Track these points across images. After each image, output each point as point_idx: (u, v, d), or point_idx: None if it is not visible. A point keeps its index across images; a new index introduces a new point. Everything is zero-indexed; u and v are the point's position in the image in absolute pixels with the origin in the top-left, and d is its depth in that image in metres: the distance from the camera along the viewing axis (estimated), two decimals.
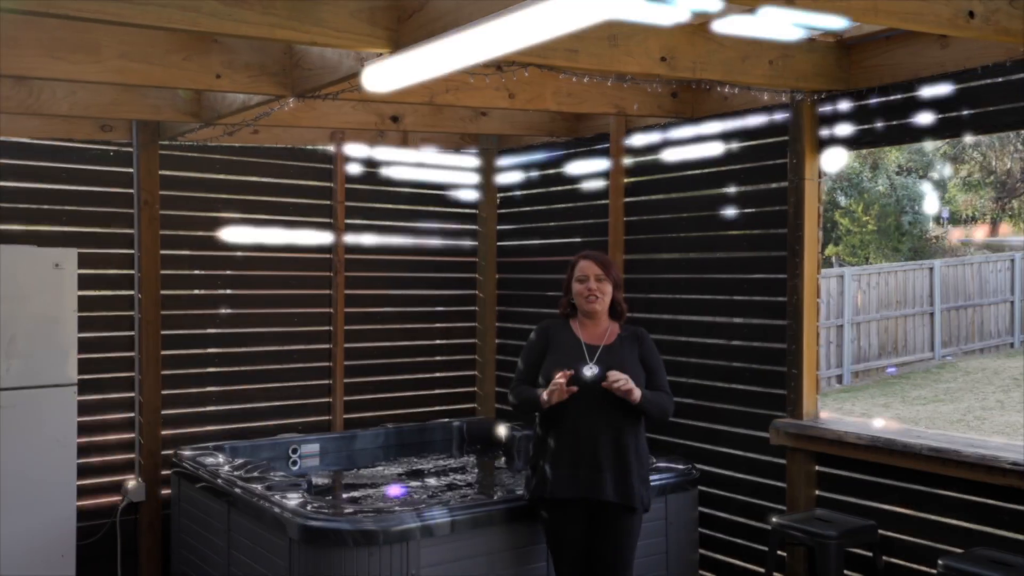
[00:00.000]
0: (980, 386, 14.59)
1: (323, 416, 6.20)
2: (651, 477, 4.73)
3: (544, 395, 3.84)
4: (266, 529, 4.31)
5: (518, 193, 6.71)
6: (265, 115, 4.56)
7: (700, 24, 4.07)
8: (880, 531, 4.38)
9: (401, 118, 5.47)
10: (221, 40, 4.03)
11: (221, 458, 5.20)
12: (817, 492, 4.74)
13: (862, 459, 4.47)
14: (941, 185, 28.24)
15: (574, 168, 6.23)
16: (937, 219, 27.93)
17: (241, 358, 5.98)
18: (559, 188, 6.40)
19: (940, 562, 3.84)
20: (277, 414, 6.05)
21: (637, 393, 3.83)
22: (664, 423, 4.21)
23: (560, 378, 3.78)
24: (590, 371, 3.89)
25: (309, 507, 4.16)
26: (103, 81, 3.90)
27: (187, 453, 5.36)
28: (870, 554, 4.41)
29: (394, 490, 5.33)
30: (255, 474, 4.81)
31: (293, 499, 4.31)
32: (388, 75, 3.48)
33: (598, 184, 5.98)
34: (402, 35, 3.35)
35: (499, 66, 4.67)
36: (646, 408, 3.91)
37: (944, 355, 16.73)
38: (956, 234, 28.87)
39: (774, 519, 4.50)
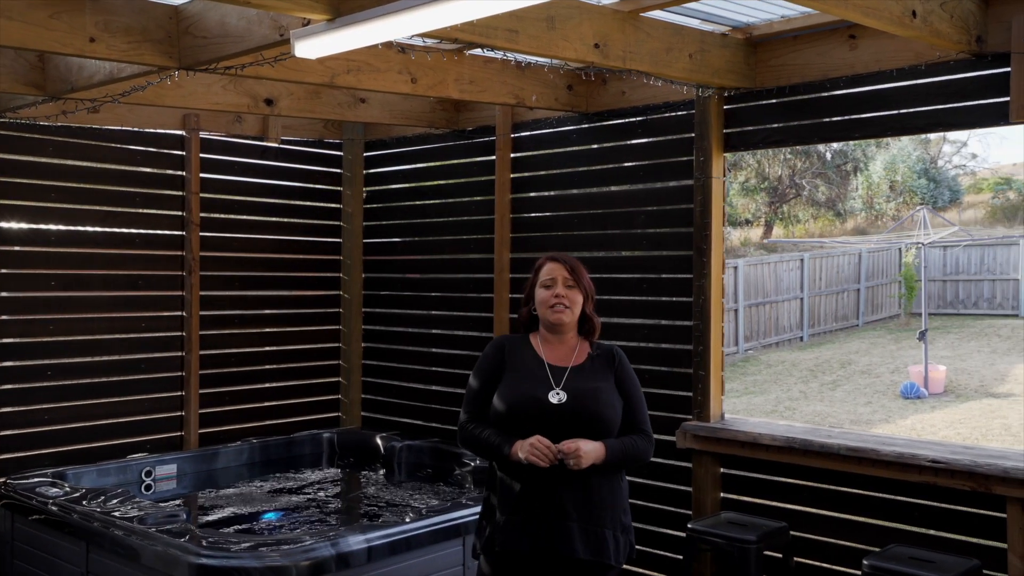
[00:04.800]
0: (782, 378, 15.48)
1: (175, 432, 5.53)
2: None
3: (521, 455, 3.03)
4: (144, 570, 3.72)
5: (388, 187, 6.30)
6: (139, 89, 3.95)
7: (631, 11, 3.89)
8: (790, 532, 4.37)
9: (276, 101, 4.94)
10: None
11: (67, 486, 4.49)
12: (721, 495, 4.69)
13: (772, 460, 4.45)
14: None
15: (453, 162, 5.92)
16: None
17: (79, 370, 5.24)
18: (436, 183, 6.05)
19: (865, 562, 3.84)
20: (123, 432, 5.35)
21: (601, 456, 3.06)
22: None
23: (545, 449, 3.01)
24: (556, 398, 3.14)
25: (203, 542, 3.62)
26: None
27: (20, 482, 4.60)
28: (779, 555, 4.39)
29: (268, 514, 4.81)
30: (115, 503, 4.17)
31: (176, 532, 3.74)
32: (321, 43, 3.04)
33: (481, 179, 5.69)
34: (343, 0, 2.93)
35: (402, 48, 4.33)
36: (617, 464, 3.14)
37: (746, 349, 17.67)
38: (736, 235, 30.79)
39: (689, 525, 4.39)
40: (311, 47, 3.06)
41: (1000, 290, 20.99)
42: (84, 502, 4.19)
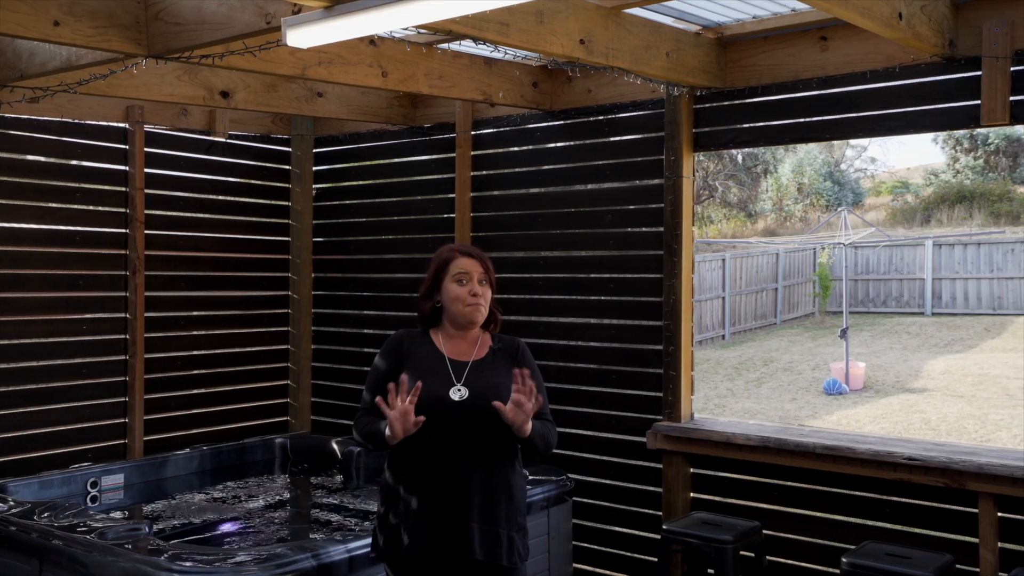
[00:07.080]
0: (708, 376, 15.71)
1: (119, 439, 5.25)
2: (535, 491, 4.46)
3: (387, 429, 2.88)
4: None
5: (340, 184, 6.12)
6: (99, 78, 3.71)
7: (613, 8, 3.84)
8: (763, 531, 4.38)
9: (232, 94, 4.73)
10: None
11: (11, 500, 4.21)
12: (692, 495, 4.68)
13: (745, 459, 4.45)
14: None
15: (410, 159, 5.77)
16: None
17: (16, 376, 4.92)
18: (391, 180, 5.90)
19: (843, 559, 3.86)
20: (64, 441, 5.04)
21: (529, 426, 2.92)
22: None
23: (402, 402, 2.84)
24: (458, 394, 3.01)
25: (172, 555, 3.41)
26: None
27: None
28: (752, 555, 4.40)
29: (227, 526, 4.60)
30: (69, 516, 3.91)
31: (140, 547, 3.53)
32: (315, 32, 2.89)
33: (440, 177, 5.57)
34: None
35: (372, 40, 4.20)
36: (534, 443, 3.00)
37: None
38: None
39: (664, 526, 4.36)
40: (304, 36, 2.91)
41: (907, 289, 21.77)
42: (34, 516, 3.92)
